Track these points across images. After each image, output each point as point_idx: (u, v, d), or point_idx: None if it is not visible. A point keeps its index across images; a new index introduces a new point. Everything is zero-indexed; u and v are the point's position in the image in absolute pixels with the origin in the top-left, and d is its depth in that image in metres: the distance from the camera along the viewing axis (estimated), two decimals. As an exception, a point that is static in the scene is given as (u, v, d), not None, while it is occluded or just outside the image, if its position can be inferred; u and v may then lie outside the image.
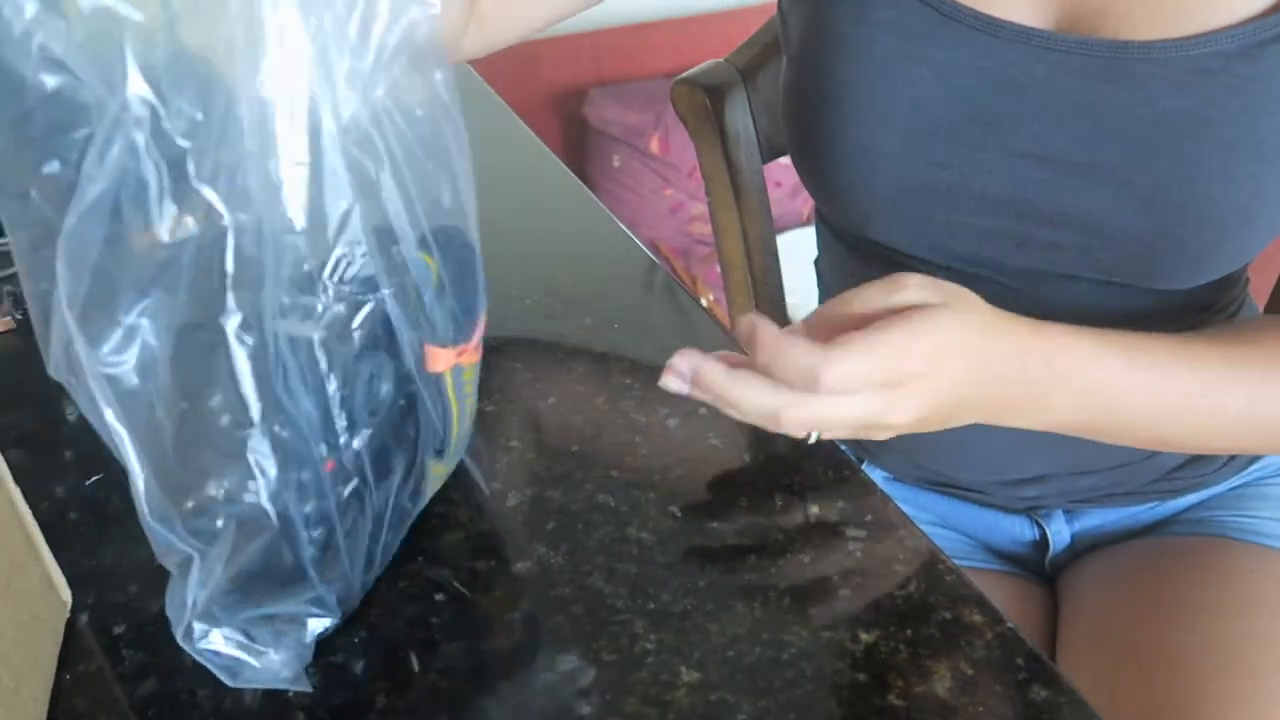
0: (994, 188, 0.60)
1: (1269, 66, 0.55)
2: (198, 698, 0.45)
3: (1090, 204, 0.59)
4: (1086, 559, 0.76)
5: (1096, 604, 0.72)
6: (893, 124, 0.61)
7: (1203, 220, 0.57)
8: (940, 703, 0.44)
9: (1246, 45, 0.54)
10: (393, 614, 0.49)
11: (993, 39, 0.59)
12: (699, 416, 0.60)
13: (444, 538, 0.53)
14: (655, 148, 1.87)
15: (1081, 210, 0.59)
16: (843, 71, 0.62)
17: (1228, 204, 0.57)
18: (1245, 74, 0.55)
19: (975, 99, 0.59)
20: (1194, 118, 0.56)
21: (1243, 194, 0.56)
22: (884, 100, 0.61)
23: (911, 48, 0.60)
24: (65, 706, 0.46)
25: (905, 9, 0.60)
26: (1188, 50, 0.55)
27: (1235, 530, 0.72)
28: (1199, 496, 0.75)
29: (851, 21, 0.61)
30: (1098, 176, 0.58)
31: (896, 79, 0.61)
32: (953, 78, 0.60)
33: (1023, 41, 0.58)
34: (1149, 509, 0.75)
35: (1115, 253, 0.60)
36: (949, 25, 0.59)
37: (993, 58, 0.59)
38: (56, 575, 0.49)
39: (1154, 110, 0.56)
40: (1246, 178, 0.56)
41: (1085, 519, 0.77)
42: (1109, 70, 0.57)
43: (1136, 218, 0.58)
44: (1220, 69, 0.55)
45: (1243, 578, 0.68)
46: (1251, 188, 0.56)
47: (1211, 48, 0.55)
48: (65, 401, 0.68)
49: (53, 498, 0.56)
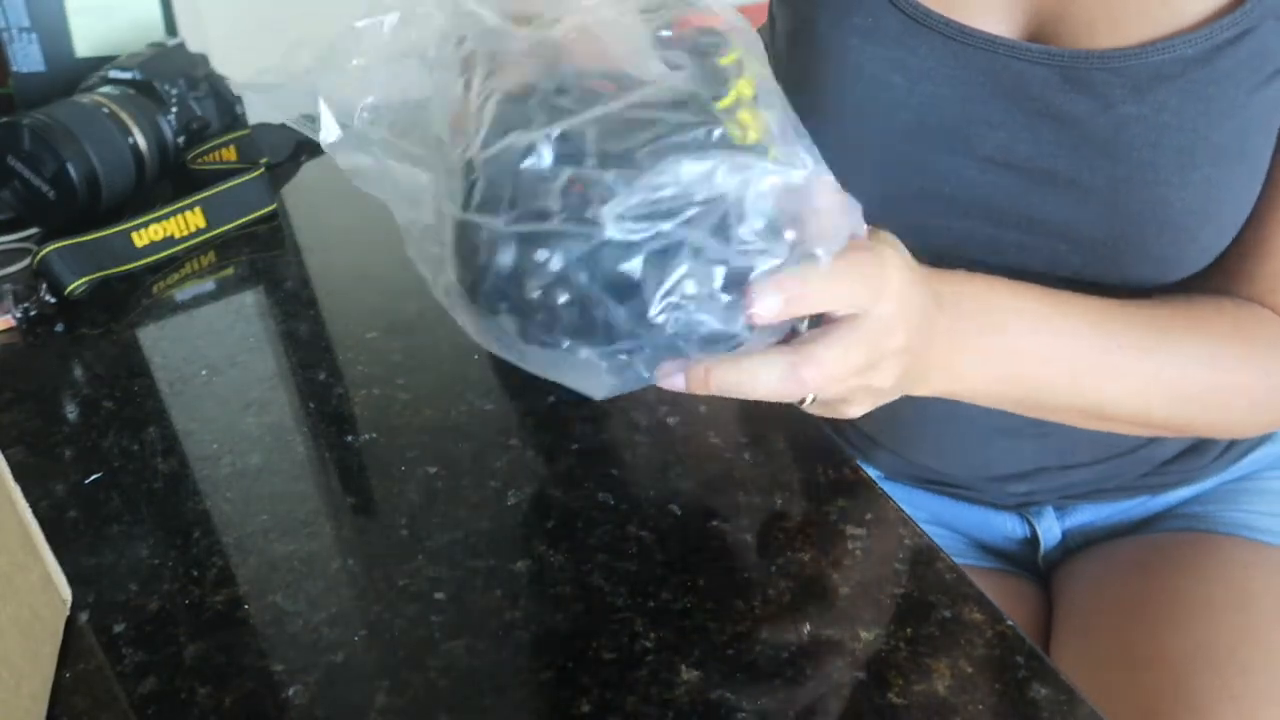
0: (964, 193, 0.61)
1: (1224, 70, 0.55)
2: (197, 696, 0.45)
3: (1055, 209, 0.60)
4: (1078, 555, 0.77)
5: (1089, 601, 0.73)
6: (870, 129, 0.63)
7: (1162, 223, 0.58)
8: (940, 701, 0.44)
9: (1204, 49, 0.55)
10: (393, 613, 0.49)
11: (963, 46, 0.60)
12: (699, 415, 0.60)
13: (444, 537, 0.53)
14: (655, 146, 1.87)
15: (1047, 215, 0.60)
16: (821, 77, 0.63)
17: (1184, 206, 0.57)
18: (1201, 78, 0.55)
19: (945, 105, 0.61)
20: (1149, 123, 0.56)
21: (1198, 196, 0.57)
22: (861, 108, 0.62)
23: (886, 54, 0.61)
24: (65, 705, 0.46)
25: (881, 16, 0.61)
26: (1146, 57, 0.56)
27: (1227, 526, 0.72)
28: (1190, 491, 0.75)
29: (831, 27, 0.63)
30: (1060, 183, 0.59)
31: (871, 86, 0.62)
32: (924, 84, 0.61)
33: (989, 49, 0.59)
34: (1140, 504, 0.76)
35: (1083, 255, 0.61)
36: (921, 32, 0.60)
37: (962, 65, 0.60)
38: (56, 574, 0.49)
39: (1112, 117, 0.57)
40: (1200, 180, 0.57)
41: (1076, 515, 0.77)
42: (1070, 78, 0.58)
43: (1099, 222, 0.59)
44: (1179, 74, 0.56)
45: (1234, 574, 0.69)
46: (1206, 190, 0.57)
47: (1170, 53, 0.56)
48: (65, 400, 0.68)
49: (53, 496, 0.56)
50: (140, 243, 0.82)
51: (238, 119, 1.01)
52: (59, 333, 0.75)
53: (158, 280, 0.82)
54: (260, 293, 0.81)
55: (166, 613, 0.49)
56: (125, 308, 0.78)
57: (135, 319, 0.77)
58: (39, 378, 0.70)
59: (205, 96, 0.96)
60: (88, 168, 0.83)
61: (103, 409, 0.57)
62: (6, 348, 0.74)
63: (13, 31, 0.97)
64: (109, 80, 0.92)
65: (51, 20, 0.98)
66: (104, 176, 0.84)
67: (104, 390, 0.68)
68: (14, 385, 0.69)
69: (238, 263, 0.84)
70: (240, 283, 0.83)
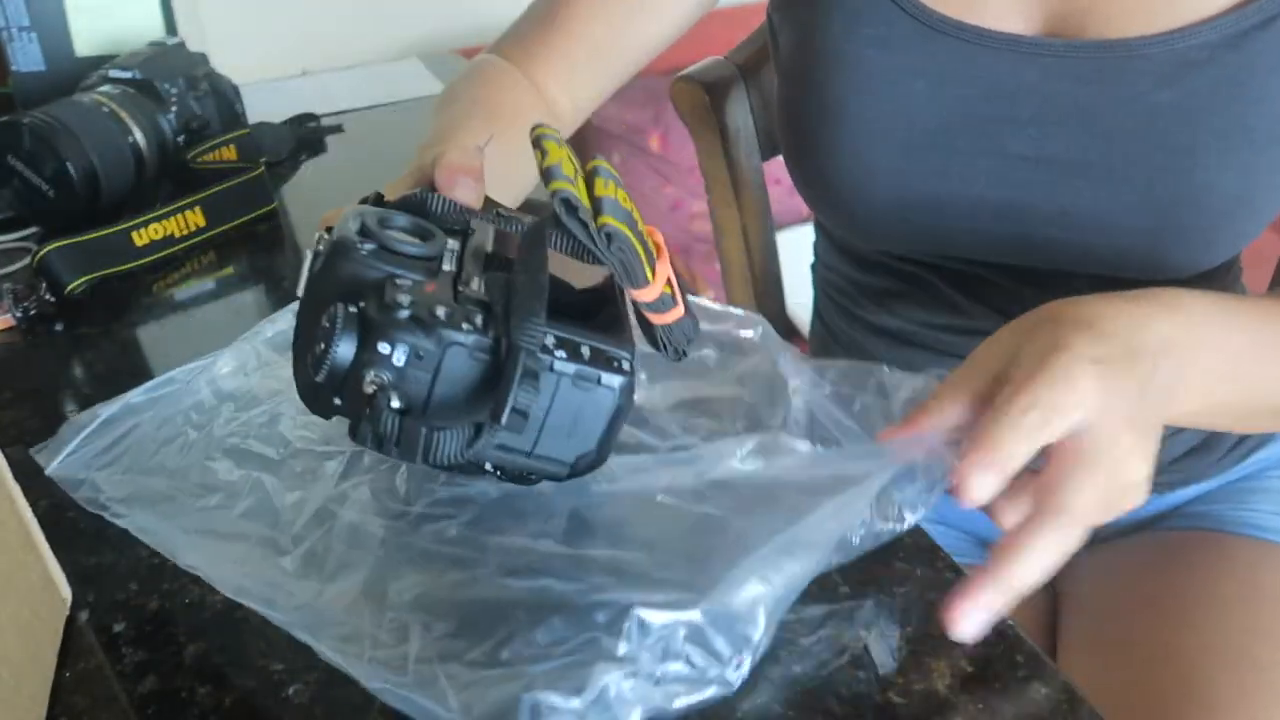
0: (994, 193, 0.61)
1: (1253, 54, 0.55)
2: (197, 696, 0.45)
3: (1090, 202, 0.59)
4: (1085, 555, 0.76)
5: (1095, 600, 0.72)
6: (888, 140, 0.62)
7: (1201, 209, 0.58)
8: (940, 700, 0.44)
9: (1230, 35, 0.55)
10: (393, 612, 0.49)
11: (982, 49, 0.59)
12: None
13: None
14: (655, 145, 1.87)
15: (1082, 209, 0.59)
16: (836, 89, 0.63)
17: (1224, 191, 0.57)
18: (1231, 63, 0.55)
19: (969, 108, 0.60)
20: (1184, 109, 0.56)
21: (1237, 181, 0.57)
22: (878, 117, 0.62)
23: (903, 62, 0.61)
24: (65, 704, 0.46)
25: (894, 25, 0.61)
26: (1173, 44, 0.56)
27: (1234, 524, 0.72)
28: (1198, 490, 0.75)
29: (842, 38, 0.62)
30: (1095, 174, 0.59)
31: (889, 95, 0.61)
32: (946, 89, 0.60)
33: (1011, 49, 0.59)
34: (1147, 502, 0.75)
35: (1117, 247, 0.60)
36: (937, 38, 0.60)
37: (984, 66, 0.59)
38: (56, 573, 0.49)
39: (1144, 105, 0.57)
40: (1239, 165, 0.57)
41: None
42: (1097, 70, 0.57)
43: (1136, 212, 0.59)
44: (1207, 60, 0.55)
45: (1242, 572, 0.68)
46: (1245, 174, 0.57)
47: (1196, 39, 0.56)
48: (65, 399, 0.68)
49: (53, 496, 0.56)
50: (140, 242, 0.82)
51: (238, 118, 1.01)
52: (59, 332, 0.75)
53: (158, 280, 0.82)
54: (260, 292, 0.81)
55: (166, 612, 0.49)
56: (125, 307, 0.78)
57: (135, 318, 0.77)
58: (39, 377, 0.70)
59: (205, 96, 0.96)
60: (88, 167, 0.83)
61: (103, 408, 0.57)
62: (6, 347, 0.74)
63: (13, 31, 0.97)
64: (109, 79, 0.92)
65: (51, 19, 0.98)
66: (104, 176, 0.84)
67: (104, 390, 0.68)
68: (14, 385, 0.69)
69: (238, 262, 0.84)
70: (240, 282, 0.83)
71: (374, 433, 0.39)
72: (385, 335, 0.39)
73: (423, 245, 0.42)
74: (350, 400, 0.40)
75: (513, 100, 0.66)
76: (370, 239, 0.41)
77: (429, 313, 0.39)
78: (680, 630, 0.39)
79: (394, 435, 0.38)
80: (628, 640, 0.39)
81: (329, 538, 0.46)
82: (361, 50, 1.50)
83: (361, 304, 0.40)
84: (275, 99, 1.14)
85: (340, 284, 0.41)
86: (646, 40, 0.71)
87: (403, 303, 0.39)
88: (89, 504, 0.50)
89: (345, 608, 0.43)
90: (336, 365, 0.39)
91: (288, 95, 1.17)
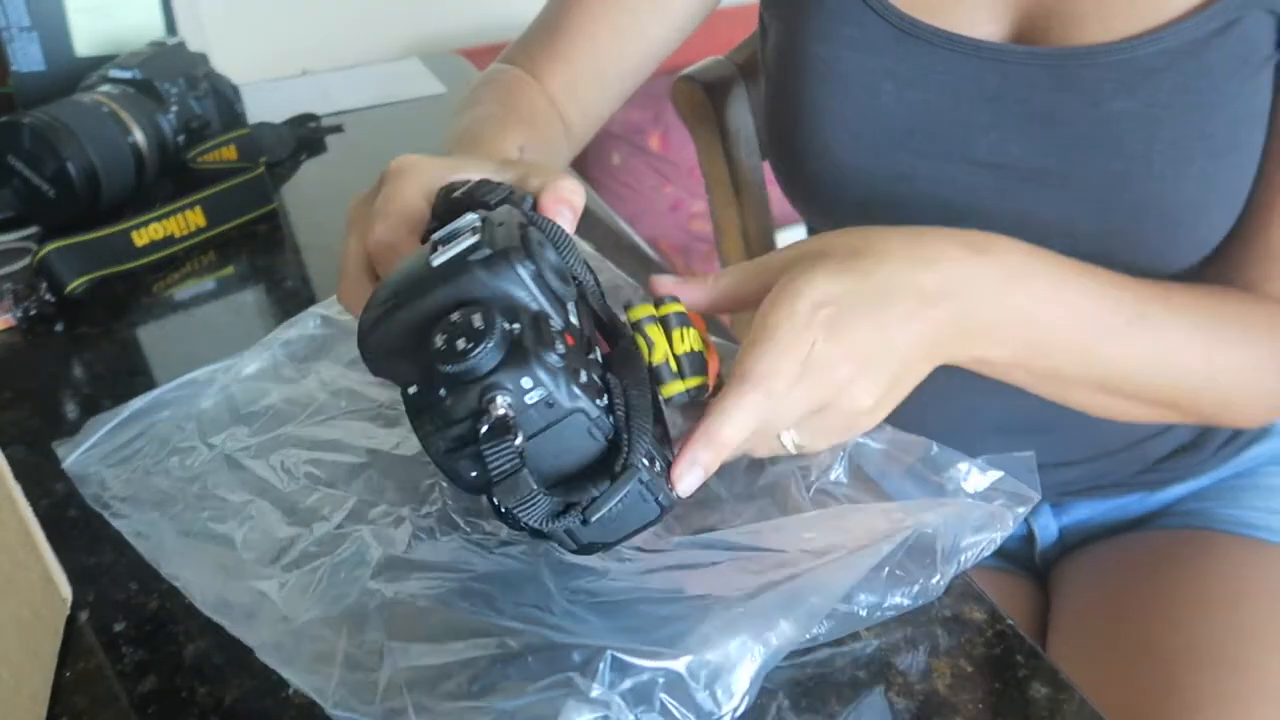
0: (957, 197, 0.62)
1: (1211, 62, 0.55)
2: (197, 695, 0.45)
3: (1049, 208, 0.60)
4: (1075, 553, 0.77)
5: (1085, 598, 0.73)
6: (859, 141, 0.63)
7: (1159, 216, 0.58)
8: (940, 700, 0.44)
9: (1189, 41, 0.55)
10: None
11: (950, 53, 0.60)
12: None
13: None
14: (655, 145, 1.87)
15: (1041, 214, 0.60)
16: (812, 89, 0.64)
17: (1180, 199, 0.58)
18: (1189, 71, 0.56)
19: (935, 112, 0.61)
20: (1142, 118, 0.57)
21: (1194, 189, 0.57)
22: (850, 118, 0.63)
23: (874, 64, 0.62)
24: (65, 704, 0.46)
25: (868, 27, 0.62)
26: (1133, 51, 0.56)
27: (1224, 523, 0.72)
28: (1188, 488, 0.75)
29: (820, 40, 0.63)
30: (1053, 181, 0.59)
31: (861, 97, 0.62)
32: (912, 92, 0.61)
33: (975, 54, 0.60)
34: (1137, 500, 0.76)
35: (1078, 252, 0.61)
36: (907, 41, 0.61)
37: (949, 71, 0.60)
38: (57, 572, 0.49)
39: (1102, 113, 0.57)
40: (1197, 173, 0.57)
41: (1072, 512, 0.77)
42: (1058, 77, 0.58)
43: (1094, 219, 0.59)
44: (1165, 67, 0.56)
45: (1230, 571, 0.69)
46: (1203, 182, 0.57)
47: (1156, 46, 0.56)
48: (65, 399, 0.68)
49: (53, 495, 0.56)
50: (140, 242, 0.82)
51: (238, 118, 1.01)
52: (59, 332, 0.75)
53: (158, 279, 0.82)
54: (260, 292, 0.81)
55: (166, 612, 0.49)
56: (125, 307, 0.78)
57: (135, 318, 0.77)
58: (39, 377, 0.70)
59: (205, 95, 0.96)
60: (88, 166, 0.83)
61: (102, 408, 0.57)
62: (6, 347, 0.74)
63: (13, 31, 0.97)
64: (109, 79, 0.92)
65: (51, 19, 0.98)
66: (104, 175, 0.84)
67: (104, 390, 0.68)
68: (14, 385, 0.69)
69: (238, 262, 0.84)
70: (240, 282, 0.83)
71: (490, 457, 0.38)
72: (532, 371, 0.38)
73: (564, 288, 0.42)
74: (452, 396, 0.39)
75: (528, 105, 0.67)
76: (531, 259, 0.41)
77: (574, 371, 0.39)
78: (659, 679, 0.39)
79: (507, 470, 0.38)
80: (600, 683, 0.38)
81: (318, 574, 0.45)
82: (361, 50, 1.50)
83: (517, 326, 0.39)
84: (275, 99, 1.14)
85: (491, 289, 0.40)
86: (651, 44, 0.71)
87: (560, 350, 0.39)
88: (93, 501, 0.50)
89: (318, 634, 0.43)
90: (471, 367, 0.38)
91: (288, 95, 1.17)
